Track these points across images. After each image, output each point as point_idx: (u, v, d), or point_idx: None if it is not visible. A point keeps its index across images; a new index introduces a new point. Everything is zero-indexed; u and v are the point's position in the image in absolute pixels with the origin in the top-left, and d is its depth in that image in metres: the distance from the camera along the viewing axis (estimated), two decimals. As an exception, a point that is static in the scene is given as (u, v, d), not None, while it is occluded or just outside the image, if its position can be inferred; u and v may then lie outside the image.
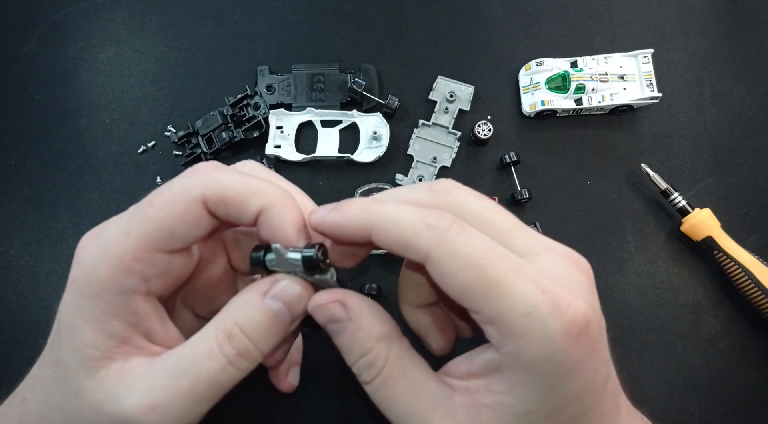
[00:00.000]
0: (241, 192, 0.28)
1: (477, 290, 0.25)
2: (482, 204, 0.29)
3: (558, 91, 0.54)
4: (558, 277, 0.26)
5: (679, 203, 0.51)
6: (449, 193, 0.29)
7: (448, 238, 0.26)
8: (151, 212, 0.28)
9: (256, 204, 0.28)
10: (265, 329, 0.29)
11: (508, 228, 0.28)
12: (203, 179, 0.29)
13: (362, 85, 0.54)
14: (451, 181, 0.30)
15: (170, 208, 0.28)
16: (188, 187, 0.28)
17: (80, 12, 0.57)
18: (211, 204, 0.28)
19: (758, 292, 0.48)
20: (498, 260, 0.26)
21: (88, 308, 0.28)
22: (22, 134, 0.54)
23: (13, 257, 0.51)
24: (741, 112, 0.56)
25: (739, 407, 0.49)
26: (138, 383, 0.28)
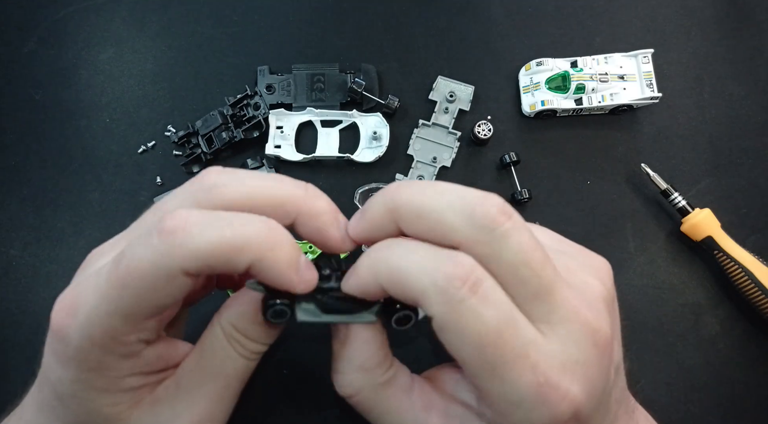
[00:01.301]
0: (222, 254, 0.24)
1: (472, 367, 0.25)
2: (524, 256, 0.25)
3: (558, 91, 0.54)
4: (567, 361, 0.25)
5: (679, 203, 0.51)
6: (492, 230, 0.24)
7: (455, 305, 0.24)
8: (128, 293, 0.25)
9: (243, 262, 0.25)
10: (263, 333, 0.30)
11: (538, 290, 0.25)
12: (178, 250, 0.24)
13: (362, 85, 0.54)
14: (500, 209, 0.25)
15: (149, 289, 0.25)
16: (164, 263, 0.24)
17: (80, 12, 0.57)
18: (193, 272, 0.25)
19: (758, 292, 0.48)
20: (503, 340, 0.24)
21: (96, 380, 0.27)
22: (22, 134, 0.54)
23: (13, 257, 0.51)
24: (741, 112, 0.56)
25: (739, 407, 0.49)
26: (179, 404, 0.29)
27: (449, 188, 0.26)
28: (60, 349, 0.27)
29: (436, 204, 0.25)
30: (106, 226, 0.52)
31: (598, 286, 0.28)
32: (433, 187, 0.26)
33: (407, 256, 0.25)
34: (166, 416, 0.29)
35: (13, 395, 0.35)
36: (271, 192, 0.27)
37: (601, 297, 0.28)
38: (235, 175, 0.27)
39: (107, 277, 0.25)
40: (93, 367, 0.27)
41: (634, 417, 0.32)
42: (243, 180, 0.27)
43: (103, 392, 0.27)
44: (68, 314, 0.26)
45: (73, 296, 0.27)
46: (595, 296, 0.27)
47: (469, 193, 0.25)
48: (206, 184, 0.27)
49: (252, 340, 0.30)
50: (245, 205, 0.27)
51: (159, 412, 0.29)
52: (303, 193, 0.28)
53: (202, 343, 0.30)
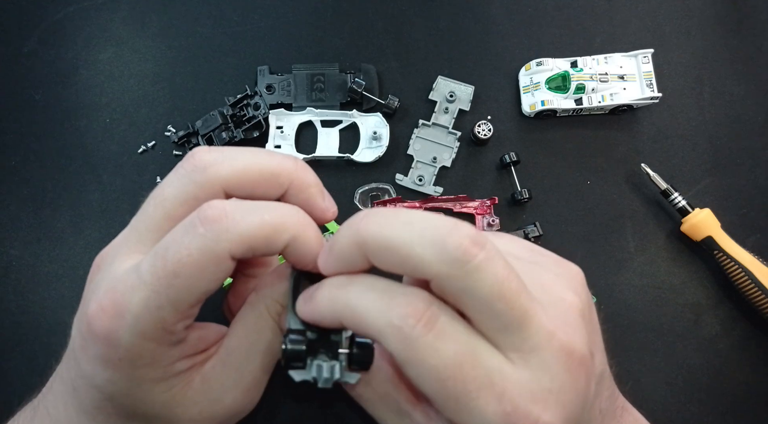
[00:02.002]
0: (265, 235, 0.26)
1: (437, 400, 0.24)
2: (497, 289, 0.24)
3: (558, 91, 0.54)
4: (537, 389, 0.24)
5: (679, 203, 0.51)
6: (464, 263, 0.23)
7: (412, 342, 0.23)
8: (179, 282, 0.26)
9: (282, 241, 0.27)
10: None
11: (509, 321, 0.24)
12: (225, 235, 0.26)
13: (362, 85, 0.54)
14: (472, 239, 0.23)
15: (198, 275, 0.26)
16: (214, 248, 0.26)
17: (80, 12, 0.57)
18: (239, 255, 0.26)
19: (758, 292, 0.48)
20: (464, 372, 0.23)
21: (151, 372, 0.28)
22: (22, 134, 0.54)
23: (13, 257, 0.51)
24: (741, 112, 0.56)
25: (739, 407, 0.49)
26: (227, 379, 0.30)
27: (417, 218, 0.24)
28: (108, 352, 0.27)
29: (405, 237, 0.24)
30: (106, 226, 0.52)
31: (574, 300, 0.27)
32: (400, 217, 0.25)
33: (364, 294, 0.25)
34: (216, 392, 0.30)
35: (13, 394, 0.35)
36: (264, 165, 0.28)
37: (577, 311, 0.27)
38: (226, 153, 0.28)
39: (153, 271, 0.26)
40: (147, 362, 0.27)
41: (622, 422, 0.32)
42: (235, 156, 0.28)
43: (157, 382, 0.28)
44: (113, 316, 0.26)
45: (113, 298, 0.27)
46: (572, 312, 0.27)
47: (438, 223, 0.24)
48: (200, 164, 0.28)
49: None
50: (242, 179, 0.28)
51: (209, 388, 0.30)
52: (294, 166, 0.29)
53: (244, 321, 0.31)
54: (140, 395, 0.28)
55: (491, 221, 0.52)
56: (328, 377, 0.27)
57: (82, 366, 0.28)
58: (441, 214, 0.26)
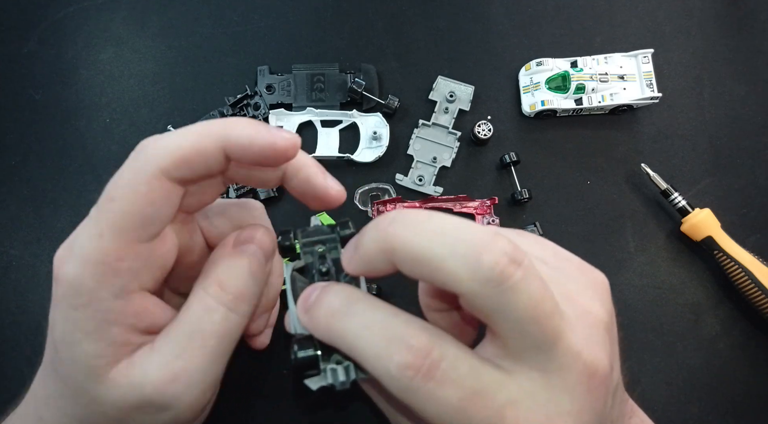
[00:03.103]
0: (193, 143, 0.27)
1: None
2: (532, 311, 0.22)
3: (558, 91, 0.54)
4: (554, 411, 0.23)
5: (679, 203, 0.51)
6: (499, 283, 0.22)
7: (413, 392, 0.23)
8: (114, 206, 0.27)
9: (213, 144, 0.27)
10: (247, 275, 0.30)
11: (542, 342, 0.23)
12: (151, 152, 0.27)
13: (362, 85, 0.54)
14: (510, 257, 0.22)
15: (131, 192, 0.27)
16: (140, 166, 0.27)
17: (80, 12, 0.57)
18: (171, 172, 0.27)
19: (758, 292, 0.48)
20: (470, 415, 0.23)
21: (84, 321, 0.27)
22: (22, 134, 0.54)
23: (13, 257, 0.51)
24: (741, 112, 0.56)
25: (739, 407, 0.49)
26: (150, 365, 0.28)
27: (450, 227, 0.23)
28: (56, 291, 0.27)
29: (436, 249, 0.23)
30: (106, 226, 0.52)
31: (600, 312, 0.27)
32: (432, 224, 0.23)
33: (361, 333, 0.24)
34: (137, 378, 0.28)
35: (13, 394, 0.35)
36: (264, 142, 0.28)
37: (603, 326, 0.26)
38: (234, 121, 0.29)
39: (96, 208, 0.27)
40: (84, 302, 0.27)
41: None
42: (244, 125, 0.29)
43: (89, 336, 0.27)
44: (64, 253, 0.28)
45: (70, 239, 0.28)
46: (598, 327, 0.26)
47: (474, 236, 0.22)
48: None
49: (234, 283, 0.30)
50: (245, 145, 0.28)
51: (132, 372, 0.28)
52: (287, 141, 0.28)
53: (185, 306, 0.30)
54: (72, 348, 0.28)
55: (491, 221, 0.52)
56: (345, 380, 0.26)
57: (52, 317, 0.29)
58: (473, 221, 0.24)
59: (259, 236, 0.31)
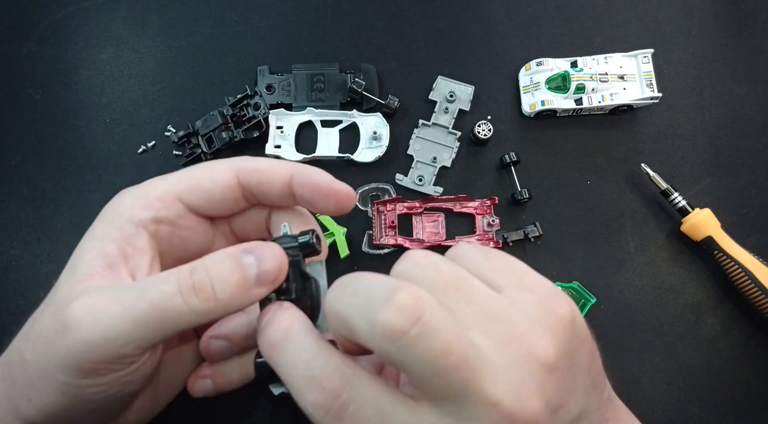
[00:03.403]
0: (271, 163, 0.33)
1: None
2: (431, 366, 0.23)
3: (558, 91, 0.54)
4: None
5: (679, 203, 0.51)
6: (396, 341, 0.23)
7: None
8: (191, 169, 0.34)
9: (285, 168, 0.33)
10: (228, 275, 0.28)
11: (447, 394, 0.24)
12: (240, 158, 0.34)
13: (362, 85, 0.54)
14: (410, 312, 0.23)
15: (207, 168, 0.33)
16: (226, 159, 0.34)
17: (80, 12, 0.57)
18: (243, 173, 0.33)
19: (758, 292, 0.48)
20: None
21: (98, 228, 0.32)
22: (22, 134, 0.54)
23: (13, 257, 0.51)
24: (741, 112, 0.56)
25: (739, 407, 0.49)
26: (95, 292, 0.29)
27: (362, 288, 0.24)
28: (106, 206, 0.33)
29: (348, 309, 0.24)
30: (106, 226, 0.52)
31: (547, 351, 0.25)
32: (350, 287, 0.25)
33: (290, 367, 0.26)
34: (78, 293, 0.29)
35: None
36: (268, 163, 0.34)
37: (544, 368, 0.25)
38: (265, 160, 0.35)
39: None
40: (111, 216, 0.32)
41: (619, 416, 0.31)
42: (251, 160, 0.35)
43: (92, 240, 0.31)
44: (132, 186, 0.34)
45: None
46: (536, 370, 0.25)
47: (376, 294, 0.23)
48: None
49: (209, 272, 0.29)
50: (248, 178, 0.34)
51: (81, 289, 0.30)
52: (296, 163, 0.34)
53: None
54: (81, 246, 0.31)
55: (491, 221, 0.52)
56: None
57: None
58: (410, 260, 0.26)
59: (269, 255, 0.29)
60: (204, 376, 0.37)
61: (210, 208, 0.34)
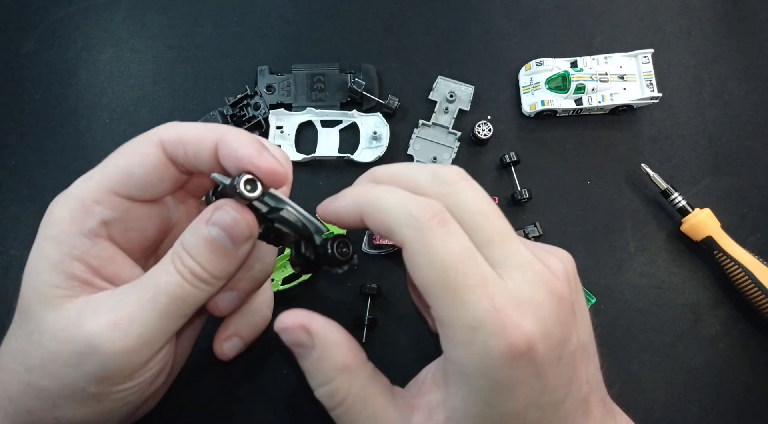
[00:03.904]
0: (196, 131, 0.30)
1: (435, 291, 0.26)
2: (479, 206, 0.28)
3: (558, 91, 0.54)
4: (521, 297, 0.26)
5: (679, 203, 0.51)
6: (451, 184, 0.29)
7: (425, 232, 0.26)
8: (114, 156, 0.31)
9: (211, 137, 0.30)
10: (208, 253, 0.30)
11: (493, 236, 0.28)
12: (162, 127, 0.31)
13: (362, 85, 0.54)
14: (458, 171, 0.29)
15: (130, 151, 0.31)
16: (147, 133, 0.31)
17: (80, 12, 0.57)
18: (168, 145, 0.30)
19: (758, 292, 0.48)
20: (465, 267, 0.26)
21: (50, 250, 0.30)
22: (22, 134, 0.54)
23: (13, 257, 0.51)
24: (741, 112, 0.56)
25: (739, 407, 0.49)
26: (104, 305, 0.29)
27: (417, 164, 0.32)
28: (40, 227, 0.31)
29: (409, 169, 0.30)
30: (106, 226, 0.52)
31: (560, 265, 0.29)
32: (405, 163, 0.31)
33: (388, 193, 0.28)
34: (88, 312, 0.29)
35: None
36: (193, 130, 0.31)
37: (563, 272, 0.29)
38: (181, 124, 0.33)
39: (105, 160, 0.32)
40: (54, 233, 0.30)
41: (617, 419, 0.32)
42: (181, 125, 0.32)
43: (51, 267, 0.30)
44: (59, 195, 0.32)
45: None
46: (558, 269, 0.29)
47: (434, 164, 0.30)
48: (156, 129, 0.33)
49: (195, 258, 0.30)
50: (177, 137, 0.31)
51: (78, 312, 0.29)
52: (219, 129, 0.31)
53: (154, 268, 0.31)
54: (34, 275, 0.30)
55: (491, 221, 0.52)
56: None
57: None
58: None
59: (227, 221, 0.29)
60: (229, 337, 0.38)
61: (150, 192, 0.32)
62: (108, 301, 0.29)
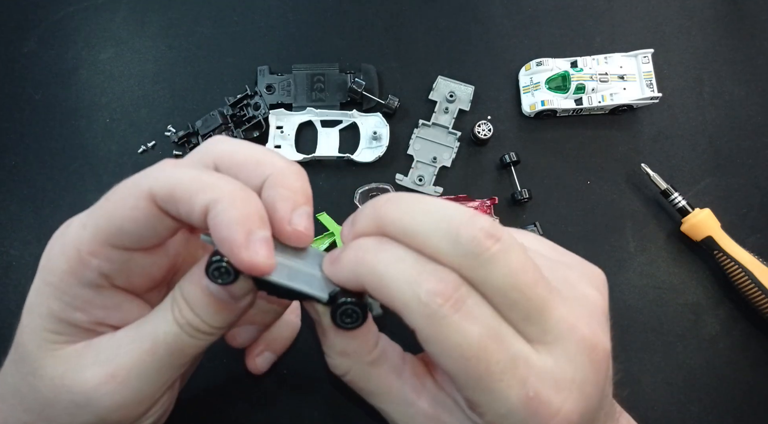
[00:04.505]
0: (189, 187, 0.25)
1: (458, 379, 0.24)
2: (513, 280, 0.24)
3: (558, 91, 0.54)
4: (560, 377, 0.24)
5: (679, 203, 0.51)
6: (477, 255, 0.24)
7: (439, 320, 0.23)
8: (105, 206, 0.28)
9: (202, 199, 0.25)
10: (207, 306, 0.28)
11: (529, 312, 0.24)
12: (154, 174, 0.27)
13: (362, 85, 0.54)
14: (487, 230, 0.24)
15: (121, 204, 0.27)
16: (139, 182, 0.27)
17: (80, 12, 0.57)
18: (159, 200, 0.26)
19: (758, 292, 0.48)
20: (488, 354, 0.23)
21: (51, 298, 0.28)
22: (22, 134, 0.54)
23: (13, 257, 0.51)
24: (741, 112, 0.56)
25: (739, 407, 0.49)
26: (102, 353, 0.28)
27: (436, 207, 0.25)
28: (40, 263, 0.29)
29: (422, 225, 0.25)
30: (106, 226, 0.52)
31: (599, 298, 0.27)
32: (420, 205, 0.25)
33: (393, 264, 0.25)
34: (80, 364, 0.28)
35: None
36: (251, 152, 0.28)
37: (601, 309, 0.27)
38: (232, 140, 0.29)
39: (99, 201, 0.28)
40: (54, 281, 0.28)
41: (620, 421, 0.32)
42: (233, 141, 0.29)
43: (52, 314, 0.28)
44: (61, 231, 0.29)
45: (70, 219, 0.30)
46: (596, 309, 0.27)
47: (456, 214, 0.24)
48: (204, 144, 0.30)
49: (193, 309, 0.28)
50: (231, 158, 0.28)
51: (77, 358, 0.28)
52: (280, 162, 0.28)
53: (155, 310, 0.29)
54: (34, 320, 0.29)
55: (491, 221, 0.52)
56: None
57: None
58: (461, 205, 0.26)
59: None
60: (261, 352, 0.38)
61: (146, 243, 0.28)
62: (108, 348, 0.28)
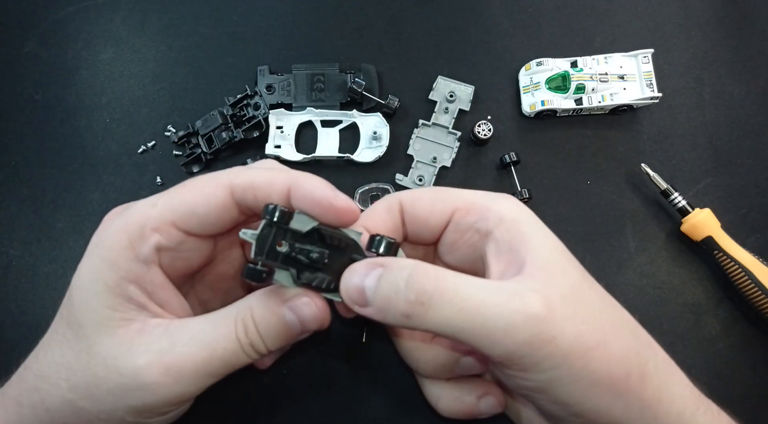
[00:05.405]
0: (268, 175, 0.32)
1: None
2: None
3: (558, 91, 0.54)
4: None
5: (679, 203, 0.51)
6: None
7: None
8: (180, 190, 0.32)
9: (284, 180, 0.31)
10: (276, 333, 0.31)
11: None
12: (232, 170, 0.33)
13: (362, 85, 0.54)
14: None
15: (198, 189, 0.32)
16: (217, 174, 0.32)
17: (80, 12, 0.57)
18: (238, 190, 0.31)
19: (758, 292, 0.48)
20: None
21: (107, 272, 0.30)
22: (22, 134, 0.54)
23: (13, 257, 0.51)
24: (741, 112, 0.56)
25: (739, 407, 0.48)
26: (157, 343, 0.30)
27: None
28: (93, 241, 0.32)
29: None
30: (106, 226, 0.52)
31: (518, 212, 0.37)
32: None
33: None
34: (142, 345, 0.30)
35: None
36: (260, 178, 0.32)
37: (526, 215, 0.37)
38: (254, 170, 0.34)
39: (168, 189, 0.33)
40: (112, 256, 0.30)
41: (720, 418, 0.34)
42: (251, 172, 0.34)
43: (109, 287, 0.30)
44: (117, 210, 0.34)
45: (129, 203, 0.33)
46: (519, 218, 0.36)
47: None
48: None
49: (261, 333, 0.31)
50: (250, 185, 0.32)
51: (130, 343, 0.30)
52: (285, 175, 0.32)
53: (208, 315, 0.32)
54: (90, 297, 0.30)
55: (491, 221, 0.52)
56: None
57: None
58: None
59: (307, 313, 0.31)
60: None
61: (207, 230, 0.33)
62: (161, 339, 0.30)
